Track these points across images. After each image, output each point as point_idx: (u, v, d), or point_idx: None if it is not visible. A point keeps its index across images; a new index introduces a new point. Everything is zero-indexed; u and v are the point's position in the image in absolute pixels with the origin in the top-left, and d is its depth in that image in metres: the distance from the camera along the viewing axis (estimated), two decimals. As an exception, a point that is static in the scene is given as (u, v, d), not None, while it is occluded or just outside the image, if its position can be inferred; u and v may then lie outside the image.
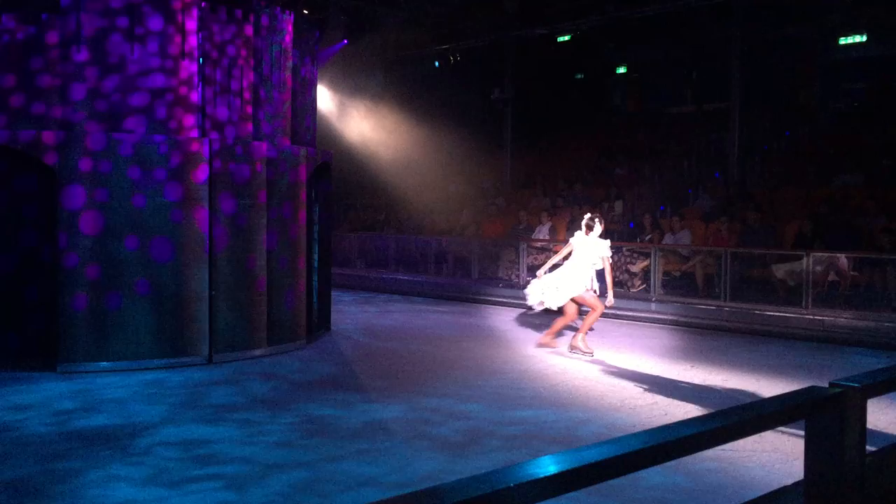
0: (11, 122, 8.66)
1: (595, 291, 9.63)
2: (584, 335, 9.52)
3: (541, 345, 9.95)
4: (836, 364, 9.23)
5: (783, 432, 5.88)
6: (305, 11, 10.70)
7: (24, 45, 8.67)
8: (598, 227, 9.49)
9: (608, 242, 9.57)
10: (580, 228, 9.62)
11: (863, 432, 2.09)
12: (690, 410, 6.97)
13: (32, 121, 8.66)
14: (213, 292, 8.97)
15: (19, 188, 9.20)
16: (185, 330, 8.85)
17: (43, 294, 8.93)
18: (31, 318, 9.10)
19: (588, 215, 9.69)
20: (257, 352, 9.32)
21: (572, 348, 9.48)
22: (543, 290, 9.51)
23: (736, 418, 2.00)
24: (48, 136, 8.49)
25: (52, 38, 8.67)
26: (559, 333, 10.04)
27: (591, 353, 9.34)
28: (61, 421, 6.63)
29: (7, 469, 5.41)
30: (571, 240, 9.65)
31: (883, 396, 2.65)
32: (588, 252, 9.39)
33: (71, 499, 4.90)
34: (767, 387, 7.89)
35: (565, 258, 9.68)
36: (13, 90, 8.68)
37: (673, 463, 2.05)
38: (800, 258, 11.94)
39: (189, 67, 9.02)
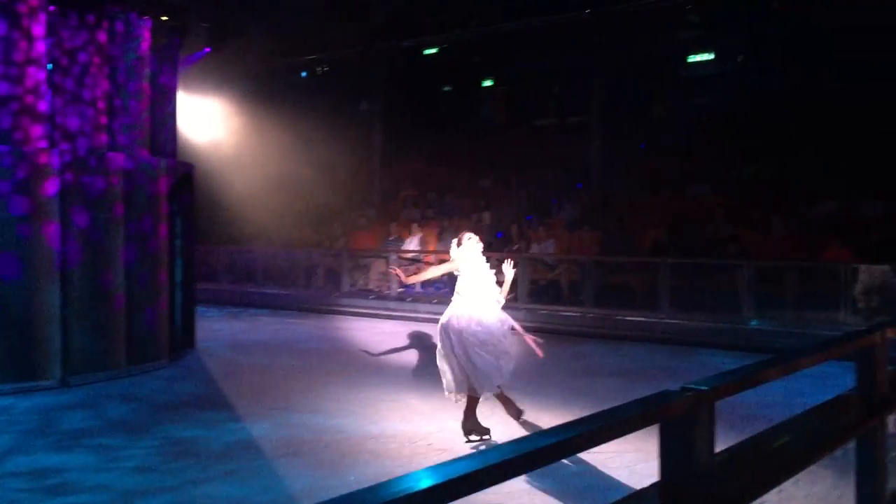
0: None
1: None
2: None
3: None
4: (692, 366, 9.71)
5: (644, 432, 6.12)
6: (165, 18, 10.30)
7: None
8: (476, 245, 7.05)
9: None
10: (462, 243, 7.02)
11: (712, 433, 2.19)
12: (557, 417, 7.15)
13: None
14: (66, 311, 8.47)
15: None
16: (35, 351, 8.32)
17: None
18: None
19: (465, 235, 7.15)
20: (116, 372, 8.88)
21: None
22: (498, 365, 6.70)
23: (597, 425, 2.06)
24: None
25: None
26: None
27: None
28: None
29: None
30: (461, 257, 6.97)
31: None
32: (487, 275, 6.95)
33: None
34: (629, 389, 8.21)
35: (450, 278, 7.59)
36: None
37: (543, 468, 2.10)
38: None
39: (36, 75, 8.52)
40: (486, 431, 6.50)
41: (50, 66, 8.63)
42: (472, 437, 6.45)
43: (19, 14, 8.42)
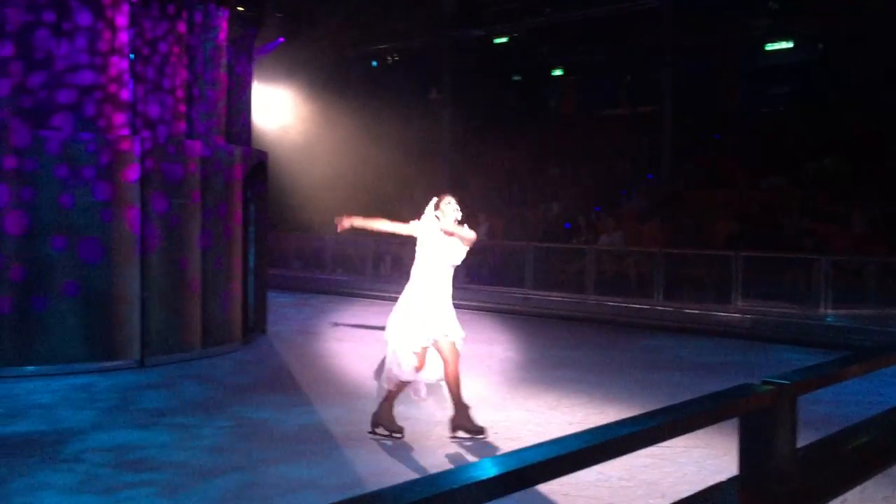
0: (-70, 117, 8.31)
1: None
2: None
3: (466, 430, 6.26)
4: (763, 361, 9.50)
5: (714, 428, 6.02)
6: (241, 8, 10.52)
7: (-56, 37, 8.33)
8: (454, 212, 6.42)
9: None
10: (441, 208, 6.40)
11: (794, 428, 2.15)
12: (624, 410, 7.08)
13: (-47, 117, 8.33)
14: (146, 294, 8.75)
15: (-62, 187, 8.84)
16: (116, 332, 8.62)
17: (-36, 297, 8.58)
18: (-49, 322, 8.74)
19: (446, 198, 6.54)
20: (191, 354, 9.13)
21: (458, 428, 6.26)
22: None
23: (672, 417, 2.04)
24: (-30, 133, 8.17)
25: (-26, 31, 8.35)
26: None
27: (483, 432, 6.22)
28: (-16, 428, 6.39)
29: (-74, 480, 5.19)
30: (418, 228, 6.35)
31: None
32: (448, 248, 6.33)
33: (-5, 509, 4.73)
34: (700, 384, 8.08)
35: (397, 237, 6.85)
36: (-68, 85, 8.33)
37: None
38: None
39: (119, 64, 8.78)
40: (399, 430, 6.11)
41: (132, 55, 8.89)
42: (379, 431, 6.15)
43: (103, 5, 8.69)
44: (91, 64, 8.62)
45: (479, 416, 6.74)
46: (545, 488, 4.78)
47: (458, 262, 6.40)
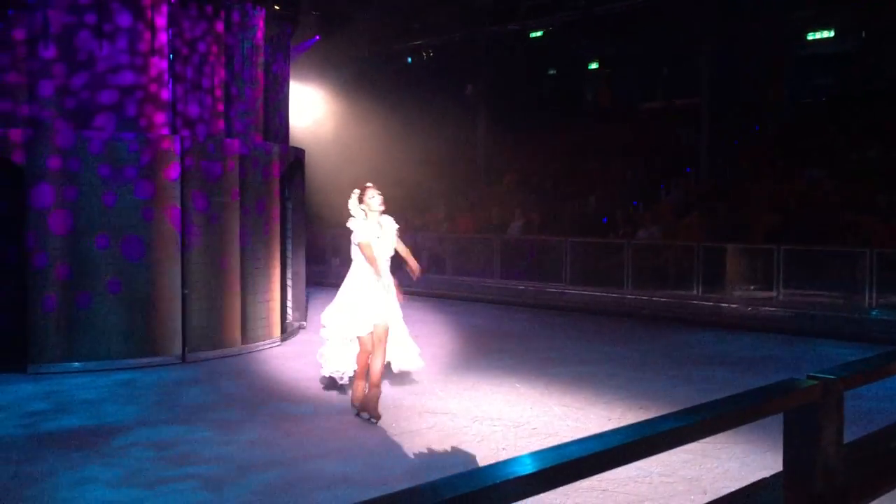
0: (-23, 119, 8.51)
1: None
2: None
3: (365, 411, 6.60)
4: (806, 356, 9.35)
5: (757, 423, 5.94)
6: (277, 7, 10.60)
7: (-10, 41, 8.52)
8: (378, 204, 6.73)
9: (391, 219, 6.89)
10: (364, 200, 6.70)
11: (841, 424, 2.12)
12: (663, 406, 7.02)
13: (-1, 118, 8.52)
14: (186, 291, 8.88)
15: (-14, 187, 9.05)
16: (158, 329, 8.76)
17: (11, 295, 8.77)
18: (-1, 319, 8.95)
19: (369, 191, 6.76)
20: (231, 350, 9.25)
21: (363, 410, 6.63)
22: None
23: (715, 412, 2.02)
24: (16, 134, 8.35)
25: (20, 34, 8.53)
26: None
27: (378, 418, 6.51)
28: (32, 423, 6.53)
29: (-23, 473, 5.32)
30: (359, 230, 6.62)
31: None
32: (383, 241, 6.72)
33: (43, 501, 4.83)
34: (742, 379, 7.98)
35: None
36: (-21, 87, 8.53)
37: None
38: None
39: (159, 64, 8.91)
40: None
41: (171, 55, 9.01)
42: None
43: (143, 6, 8.83)
44: (132, 64, 8.76)
45: (516, 413, 6.74)
46: (584, 484, 4.76)
47: (392, 253, 6.85)
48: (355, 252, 6.73)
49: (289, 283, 10.95)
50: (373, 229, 6.66)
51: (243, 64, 9.73)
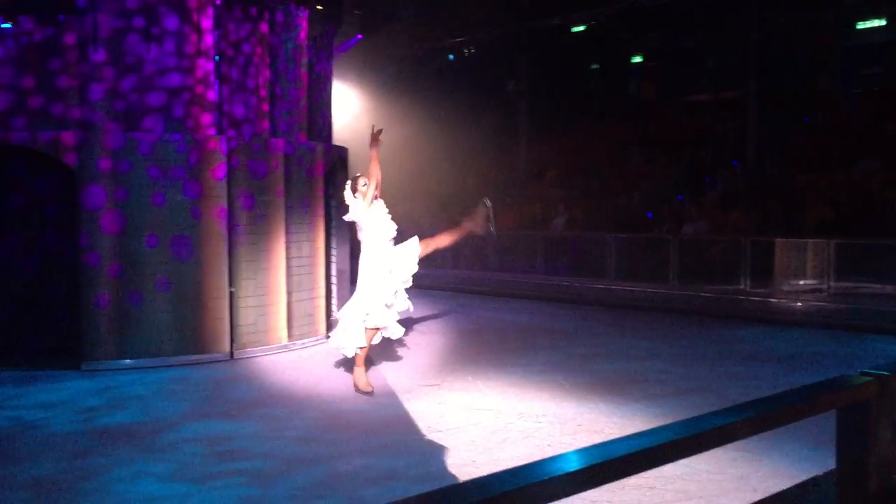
0: (31, 123, 8.73)
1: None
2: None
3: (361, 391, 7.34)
4: (858, 352, 9.15)
5: (808, 420, 5.83)
6: (320, 7, 10.71)
7: (43, 46, 8.73)
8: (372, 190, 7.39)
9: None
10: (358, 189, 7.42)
11: (895, 421, 2.07)
12: (712, 402, 6.94)
13: (52, 121, 8.72)
14: (233, 289, 9.01)
15: (40, 189, 9.30)
16: (206, 326, 8.90)
17: (65, 293, 9.01)
18: (54, 317, 9.19)
19: (361, 179, 7.49)
20: (277, 347, 9.37)
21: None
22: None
23: (765, 409, 1.98)
24: (68, 137, 8.55)
25: (70, 38, 8.73)
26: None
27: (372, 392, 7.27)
28: (86, 418, 6.69)
29: (34, 467, 5.47)
30: (357, 214, 7.42)
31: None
32: (384, 223, 7.50)
33: (97, 495, 4.95)
34: (792, 375, 7.84)
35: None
36: (33, 91, 8.75)
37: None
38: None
39: (205, 66, 9.05)
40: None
41: (217, 57, 9.14)
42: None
43: (190, 9, 8.97)
44: (179, 66, 8.91)
45: (561, 409, 6.71)
46: (631, 482, 4.72)
47: (394, 234, 7.46)
48: (363, 237, 7.41)
49: (333, 280, 11.05)
50: (367, 212, 7.36)
51: (287, 64, 9.84)
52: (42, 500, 4.89)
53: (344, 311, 7.57)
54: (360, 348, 7.39)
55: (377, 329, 7.45)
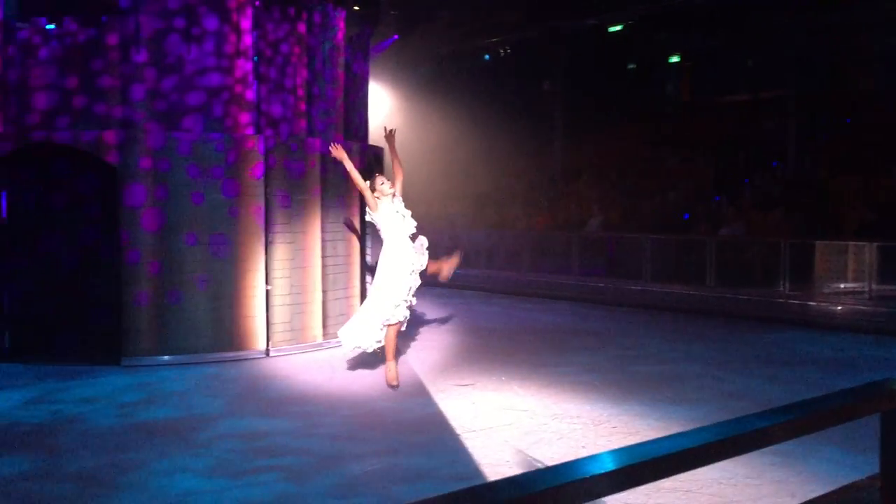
0: (74, 122, 8.90)
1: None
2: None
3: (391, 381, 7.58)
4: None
5: (849, 424, 5.74)
6: (357, 7, 10.77)
7: (86, 46, 8.89)
8: (389, 189, 7.77)
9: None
10: (388, 189, 7.72)
11: (940, 427, 2.03)
12: (751, 405, 6.86)
13: (94, 121, 8.88)
14: (269, 287, 9.10)
15: (82, 188, 9.47)
16: (242, 324, 9.00)
17: (106, 290, 9.15)
18: (95, 314, 9.34)
19: (378, 178, 7.85)
20: (313, 345, 9.43)
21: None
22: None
23: (806, 413, 1.96)
24: (109, 136, 8.69)
25: (113, 39, 8.87)
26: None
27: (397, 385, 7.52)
28: (126, 413, 6.80)
29: (75, 460, 5.58)
30: (375, 215, 7.76)
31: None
32: (403, 221, 7.78)
33: (137, 489, 5.03)
34: (833, 379, 7.72)
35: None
36: (76, 91, 8.91)
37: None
38: None
39: (244, 66, 9.15)
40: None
41: (256, 57, 9.24)
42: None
43: (229, 10, 9.07)
44: (218, 66, 9.02)
45: (596, 410, 6.68)
46: (666, 484, 4.69)
47: (414, 229, 7.69)
48: (383, 236, 7.66)
49: (368, 278, 11.09)
50: (388, 211, 7.61)
51: (324, 64, 9.91)
52: (84, 493, 4.98)
53: (362, 309, 7.84)
54: (382, 344, 7.62)
55: (399, 323, 7.71)
